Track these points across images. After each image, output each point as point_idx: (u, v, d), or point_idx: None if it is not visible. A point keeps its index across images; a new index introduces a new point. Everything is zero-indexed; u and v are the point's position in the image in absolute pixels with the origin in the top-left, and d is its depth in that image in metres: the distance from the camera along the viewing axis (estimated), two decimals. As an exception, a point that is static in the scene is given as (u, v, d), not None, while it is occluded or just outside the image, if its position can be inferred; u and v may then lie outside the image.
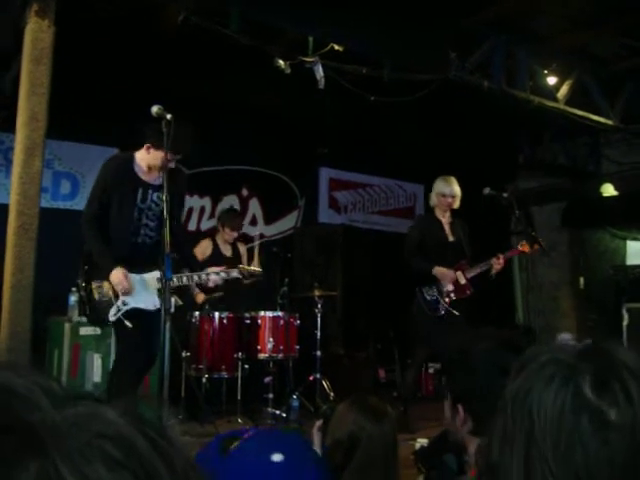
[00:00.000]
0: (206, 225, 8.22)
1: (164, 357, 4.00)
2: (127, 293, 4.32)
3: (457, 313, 5.92)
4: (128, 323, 4.31)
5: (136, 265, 4.39)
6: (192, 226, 8.18)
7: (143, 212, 4.44)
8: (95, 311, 4.39)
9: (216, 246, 6.94)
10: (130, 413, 0.55)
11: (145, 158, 4.43)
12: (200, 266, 4.91)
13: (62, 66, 4.92)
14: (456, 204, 6.08)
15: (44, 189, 6.21)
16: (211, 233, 7.36)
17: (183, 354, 6.23)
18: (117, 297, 4.34)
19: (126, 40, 6.28)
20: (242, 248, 7.17)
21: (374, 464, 2.13)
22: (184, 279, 4.52)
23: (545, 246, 6.55)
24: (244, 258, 7.15)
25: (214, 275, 4.61)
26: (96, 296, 4.35)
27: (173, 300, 5.75)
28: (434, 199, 6.14)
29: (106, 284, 4.34)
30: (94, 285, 4.36)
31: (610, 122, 7.69)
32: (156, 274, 4.32)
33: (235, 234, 7.00)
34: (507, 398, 0.91)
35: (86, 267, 4.42)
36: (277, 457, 1.55)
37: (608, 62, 7.57)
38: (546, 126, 9.04)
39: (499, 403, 0.93)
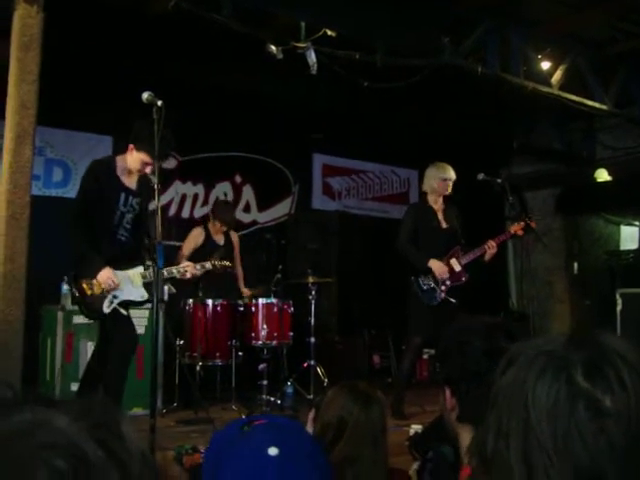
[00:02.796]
0: (199, 212, 8.18)
1: (157, 345, 4.05)
2: (114, 289, 4.54)
3: (454, 300, 5.93)
4: (123, 311, 4.61)
5: (118, 262, 4.63)
6: (185, 214, 8.14)
7: (124, 215, 4.68)
8: (90, 307, 4.61)
9: (208, 234, 6.89)
10: (85, 417, 0.52)
11: (128, 160, 4.62)
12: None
13: (53, 52, 4.86)
14: (450, 189, 6.10)
15: (36, 177, 6.19)
16: (204, 220, 7.32)
17: (177, 342, 6.24)
18: (108, 291, 4.55)
19: (117, 26, 6.22)
20: (234, 237, 7.13)
21: (361, 449, 2.13)
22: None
23: (539, 232, 6.54)
24: (237, 246, 7.12)
25: (190, 268, 4.95)
26: (89, 292, 4.54)
27: (166, 288, 5.79)
28: (433, 184, 6.09)
29: (95, 281, 4.53)
30: (84, 283, 4.55)
31: (604, 107, 7.64)
32: (138, 270, 4.68)
33: (224, 229, 6.96)
34: (499, 392, 0.90)
35: (73, 271, 4.66)
36: (273, 451, 1.54)
37: (602, 46, 7.52)
38: (540, 111, 9.00)
39: (490, 397, 0.92)
